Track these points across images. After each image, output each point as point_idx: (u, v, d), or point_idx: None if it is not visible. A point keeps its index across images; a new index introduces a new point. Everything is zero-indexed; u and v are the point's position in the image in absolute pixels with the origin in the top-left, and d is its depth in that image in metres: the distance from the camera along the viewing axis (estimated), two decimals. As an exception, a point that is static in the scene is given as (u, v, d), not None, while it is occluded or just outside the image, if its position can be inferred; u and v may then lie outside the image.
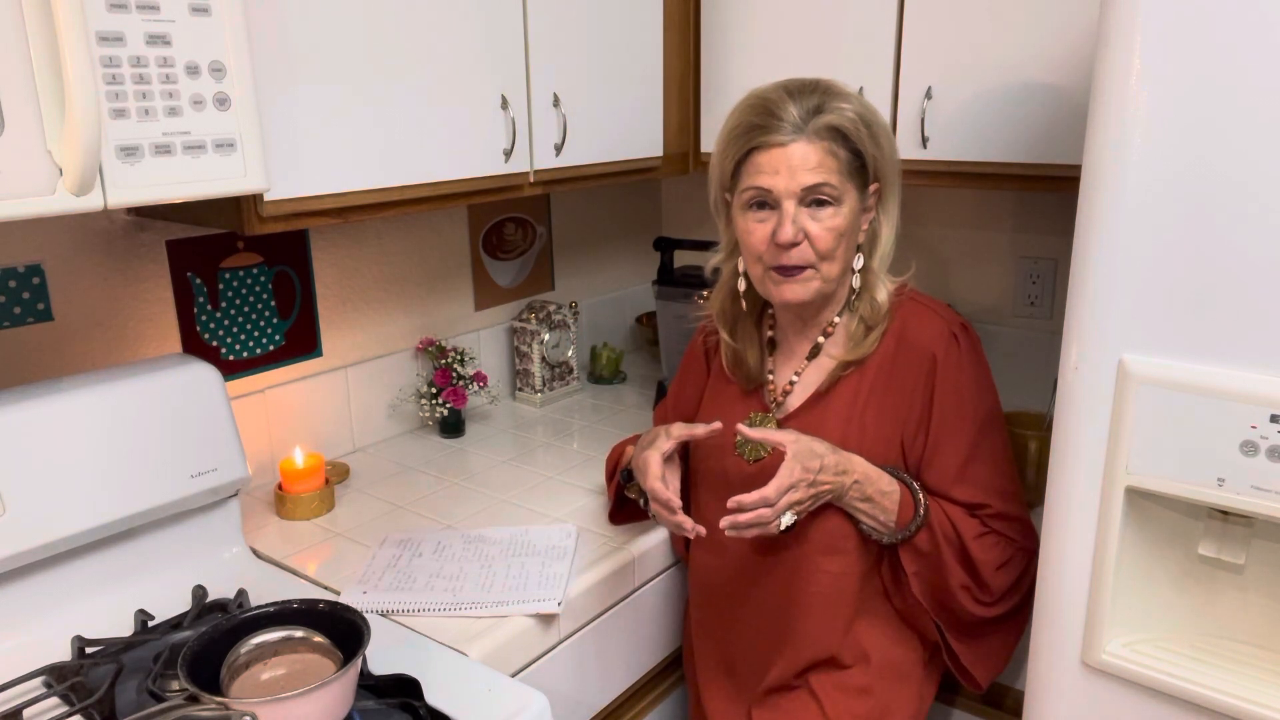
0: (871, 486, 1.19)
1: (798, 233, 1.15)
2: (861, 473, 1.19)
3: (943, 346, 1.21)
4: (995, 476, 1.23)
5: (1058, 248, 1.86)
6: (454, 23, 1.39)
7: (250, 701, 0.87)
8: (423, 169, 1.39)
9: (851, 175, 1.17)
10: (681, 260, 2.03)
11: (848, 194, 1.17)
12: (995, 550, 1.21)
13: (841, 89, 1.18)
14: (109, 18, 0.93)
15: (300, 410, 1.68)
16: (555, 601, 1.22)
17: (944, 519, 1.20)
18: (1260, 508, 0.98)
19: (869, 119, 1.17)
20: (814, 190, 1.14)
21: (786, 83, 1.19)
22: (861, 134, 1.16)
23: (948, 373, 1.21)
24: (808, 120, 1.14)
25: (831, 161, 1.15)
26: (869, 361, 1.24)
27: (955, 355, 1.21)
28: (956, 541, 1.20)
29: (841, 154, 1.15)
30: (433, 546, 1.38)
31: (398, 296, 1.83)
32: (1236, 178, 0.92)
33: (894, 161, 1.21)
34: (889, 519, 1.20)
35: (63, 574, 1.19)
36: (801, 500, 1.14)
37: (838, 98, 1.16)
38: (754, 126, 1.16)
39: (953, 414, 1.21)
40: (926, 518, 1.19)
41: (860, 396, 1.24)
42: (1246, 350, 0.95)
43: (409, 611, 1.21)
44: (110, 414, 1.20)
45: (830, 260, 1.18)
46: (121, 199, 0.98)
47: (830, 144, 1.15)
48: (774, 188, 1.15)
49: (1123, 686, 1.09)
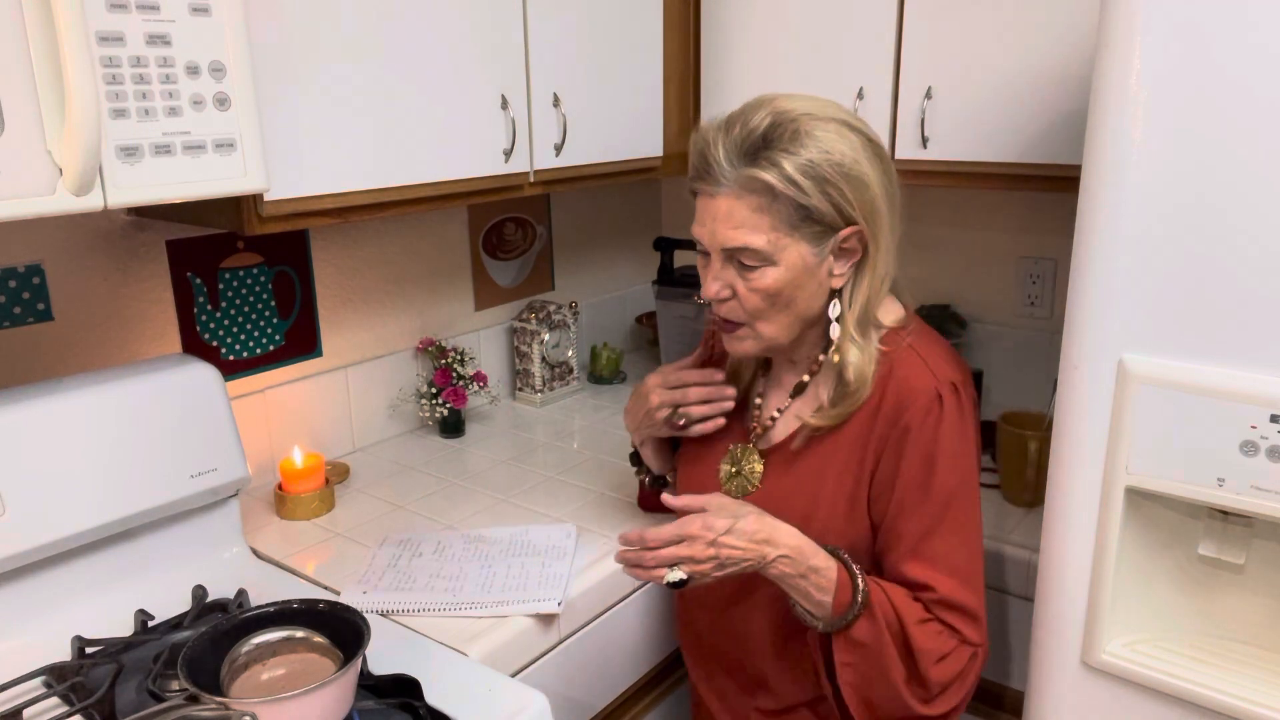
0: (802, 563, 1.06)
1: (721, 289, 1.07)
2: (790, 546, 1.06)
3: (922, 407, 1.07)
4: (953, 555, 1.09)
5: (1058, 248, 1.86)
6: (454, 22, 1.39)
7: (250, 701, 0.87)
8: (423, 169, 1.39)
9: (795, 227, 1.02)
10: (681, 260, 2.03)
11: (786, 250, 1.03)
12: (936, 640, 1.07)
13: (806, 124, 1.01)
14: (109, 18, 0.93)
15: (300, 410, 1.68)
16: (555, 601, 1.22)
17: (885, 602, 1.07)
18: (1260, 508, 0.98)
19: (823, 169, 1.00)
20: (736, 252, 1.04)
21: (741, 110, 1.05)
22: (803, 188, 1.00)
23: (922, 437, 1.07)
24: (737, 166, 1.01)
25: (760, 219, 1.02)
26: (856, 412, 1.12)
27: (933, 419, 1.07)
28: (898, 629, 1.07)
29: (779, 209, 1.01)
30: (433, 546, 1.38)
31: (398, 296, 1.83)
32: (1236, 177, 0.93)
33: (873, 203, 1.04)
34: (824, 599, 1.06)
35: (63, 574, 1.19)
36: (697, 559, 1.05)
37: (787, 141, 1.00)
38: (693, 166, 1.06)
39: (918, 482, 1.08)
40: (866, 601, 1.06)
41: (839, 448, 1.13)
42: (1246, 350, 0.95)
43: (409, 611, 1.21)
44: (110, 414, 1.20)
45: (764, 320, 1.08)
46: (121, 199, 0.98)
47: (761, 198, 1.01)
48: (701, 239, 1.07)
49: (1123, 686, 1.09)
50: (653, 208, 2.45)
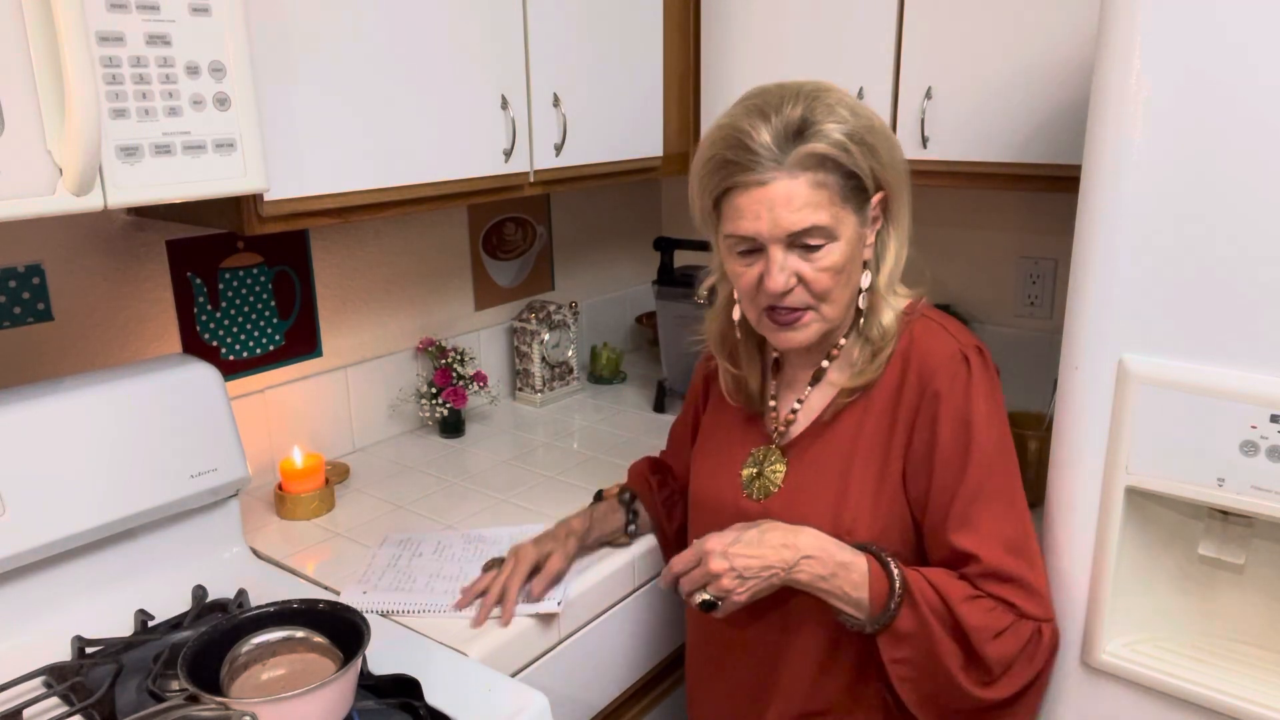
0: (830, 561, 1.04)
1: (789, 279, 1.03)
2: (814, 547, 1.04)
3: (949, 371, 1.06)
4: (1001, 522, 1.05)
5: (1058, 248, 1.86)
6: (454, 22, 1.39)
7: (250, 701, 0.87)
8: (423, 169, 1.39)
9: (848, 199, 1.03)
10: (681, 260, 2.03)
11: (845, 223, 1.03)
12: (988, 616, 1.02)
13: (826, 99, 1.02)
14: (109, 18, 0.93)
15: (300, 410, 1.68)
16: (555, 601, 1.22)
17: (925, 586, 1.03)
18: (1260, 508, 0.98)
19: (861, 133, 1.01)
20: (803, 234, 1.01)
21: (760, 100, 1.03)
22: (854, 154, 1.01)
23: (953, 400, 1.06)
24: (787, 149, 0.99)
25: (820, 194, 1.01)
26: (874, 388, 1.11)
27: (963, 381, 1.06)
28: (943, 610, 1.02)
29: (833, 181, 1.01)
30: (433, 546, 1.38)
31: (398, 296, 1.83)
32: (1237, 177, 0.93)
33: (898, 164, 1.07)
34: (860, 596, 1.03)
35: (63, 574, 1.19)
36: (712, 574, 1.05)
37: (822, 114, 1.00)
38: (726, 162, 1.02)
39: (958, 447, 1.05)
40: (905, 588, 1.02)
41: (865, 426, 1.11)
42: (1246, 350, 0.95)
43: (409, 612, 1.21)
44: (110, 414, 1.20)
45: (829, 301, 1.06)
46: (121, 199, 0.98)
47: (817, 174, 1.00)
48: (758, 233, 1.02)
49: (1123, 686, 1.09)
50: (653, 208, 2.45)
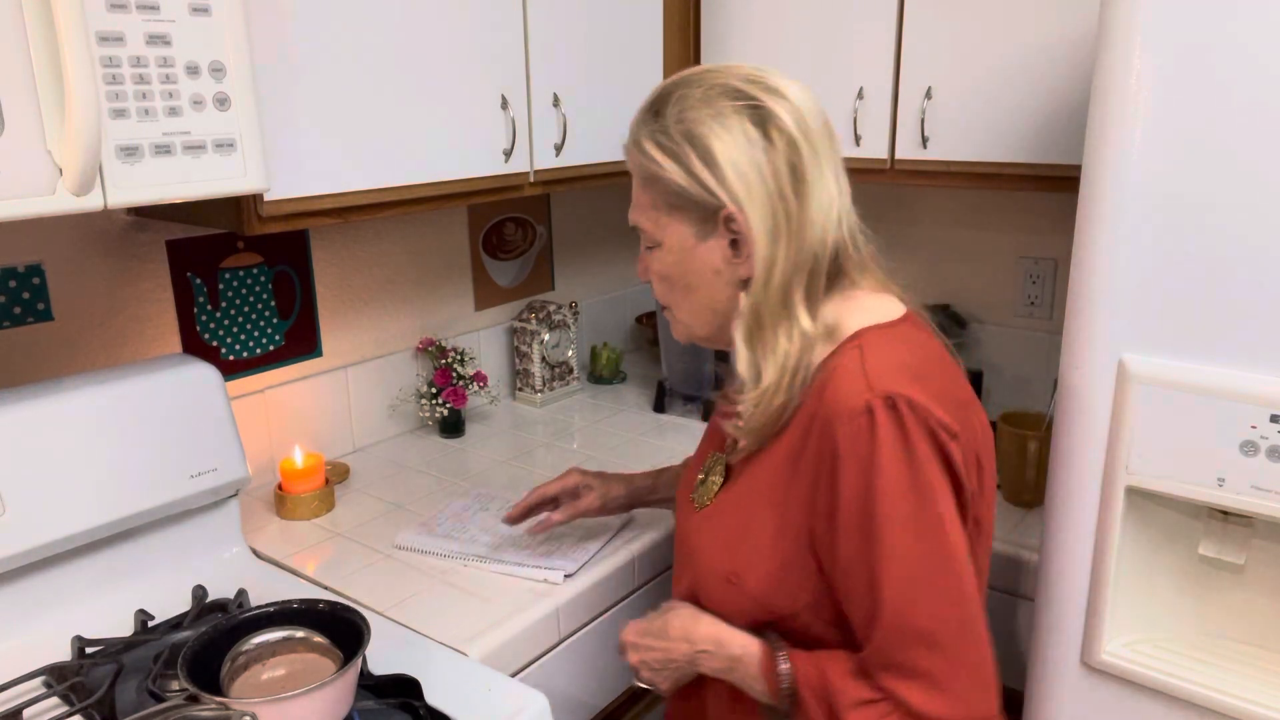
0: (723, 655, 0.96)
1: (643, 272, 1.03)
2: (708, 638, 0.97)
3: (851, 428, 0.86)
4: (911, 610, 0.85)
5: (1058, 248, 1.86)
6: (454, 22, 1.39)
7: (250, 701, 0.87)
8: (423, 169, 1.39)
9: (676, 207, 0.93)
10: (681, 260, 2.03)
11: (669, 231, 0.95)
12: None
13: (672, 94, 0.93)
14: (109, 18, 0.93)
15: (300, 410, 1.68)
16: (563, 573, 1.27)
17: (816, 685, 0.90)
18: (1260, 508, 0.98)
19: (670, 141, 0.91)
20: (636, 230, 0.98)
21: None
22: (657, 161, 0.91)
23: (854, 463, 0.86)
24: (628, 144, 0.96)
25: (644, 196, 0.96)
26: (785, 427, 0.94)
27: (865, 441, 0.85)
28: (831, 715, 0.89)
29: (658, 186, 0.94)
30: (500, 505, 1.44)
31: (398, 296, 1.83)
32: (1236, 177, 0.93)
33: (745, 179, 0.89)
34: (761, 689, 0.94)
35: (63, 574, 1.19)
36: (647, 663, 1.04)
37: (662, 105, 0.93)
38: None
39: (860, 518, 0.86)
40: (794, 689, 0.91)
41: (768, 468, 0.96)
42: (1246, 350, 0.95)
43: (436, 554, 1.33)
44: (110, 414, 1.20)
45: (673, 306, 1.02)
46: (121, 199, 0.97)
47: (641, 176, 0.96)
48: None
49: (1123, 686, 1.09)
50: (653, 208, 2.44)
